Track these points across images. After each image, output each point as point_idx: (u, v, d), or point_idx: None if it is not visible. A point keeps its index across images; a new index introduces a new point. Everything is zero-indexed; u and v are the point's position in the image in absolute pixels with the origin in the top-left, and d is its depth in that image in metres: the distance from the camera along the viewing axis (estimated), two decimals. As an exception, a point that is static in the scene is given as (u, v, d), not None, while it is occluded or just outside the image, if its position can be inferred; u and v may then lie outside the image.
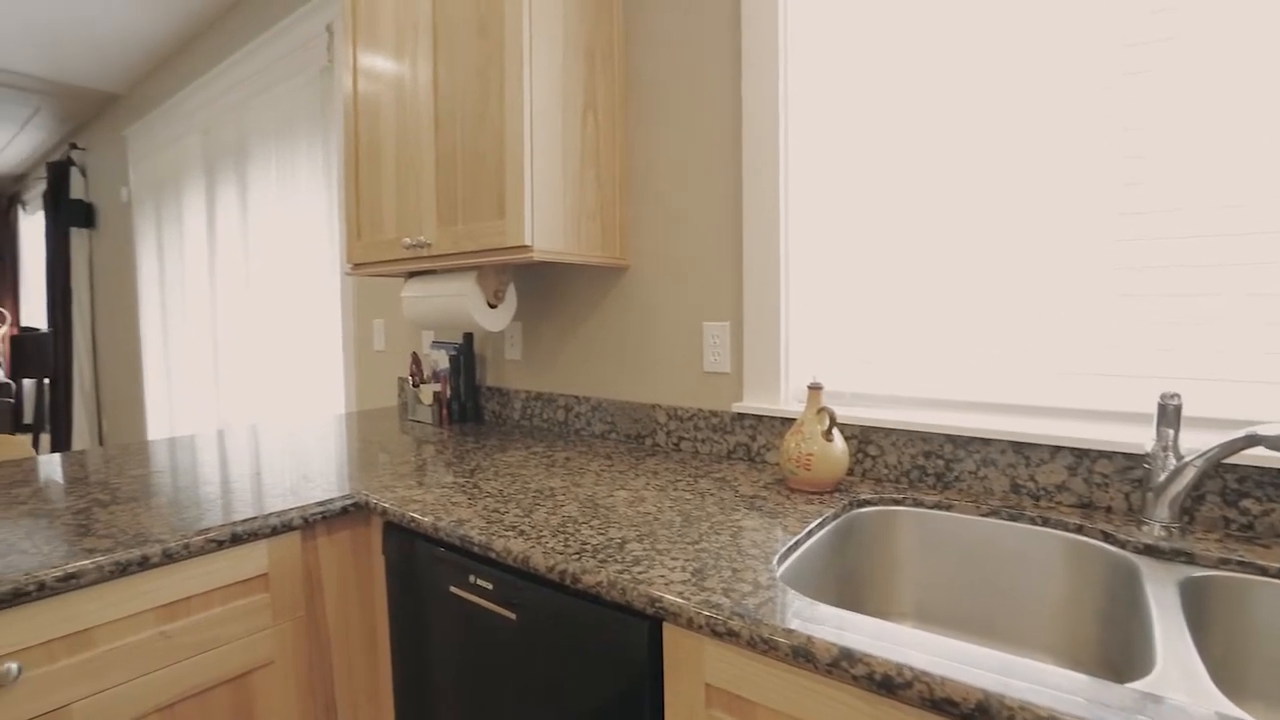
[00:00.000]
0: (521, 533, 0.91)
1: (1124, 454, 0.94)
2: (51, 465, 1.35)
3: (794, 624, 0.63)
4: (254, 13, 2.83)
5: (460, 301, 1.51)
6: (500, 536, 0.89)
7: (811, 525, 0.93)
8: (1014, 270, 1.06)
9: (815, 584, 0.92)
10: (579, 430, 1.65)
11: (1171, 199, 0.92)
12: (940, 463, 1.10)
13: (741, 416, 1.34)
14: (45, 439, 5.43)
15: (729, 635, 0.66)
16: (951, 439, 1.09)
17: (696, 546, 0.85)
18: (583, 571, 0.78)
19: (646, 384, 1.52)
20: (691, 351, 1.44)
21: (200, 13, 3.08)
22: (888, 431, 1.15)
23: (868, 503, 1.06)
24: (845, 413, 1.20)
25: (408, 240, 1.47)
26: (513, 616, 0.89)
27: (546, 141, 1.30)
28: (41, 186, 5.38)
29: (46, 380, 5.38)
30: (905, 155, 1.16)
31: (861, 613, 0.92)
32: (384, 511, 1.06)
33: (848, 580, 1.01)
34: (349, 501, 1.10)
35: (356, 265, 1.68)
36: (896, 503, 1.05)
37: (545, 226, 1.30)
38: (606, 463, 1.32)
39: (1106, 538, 0.88)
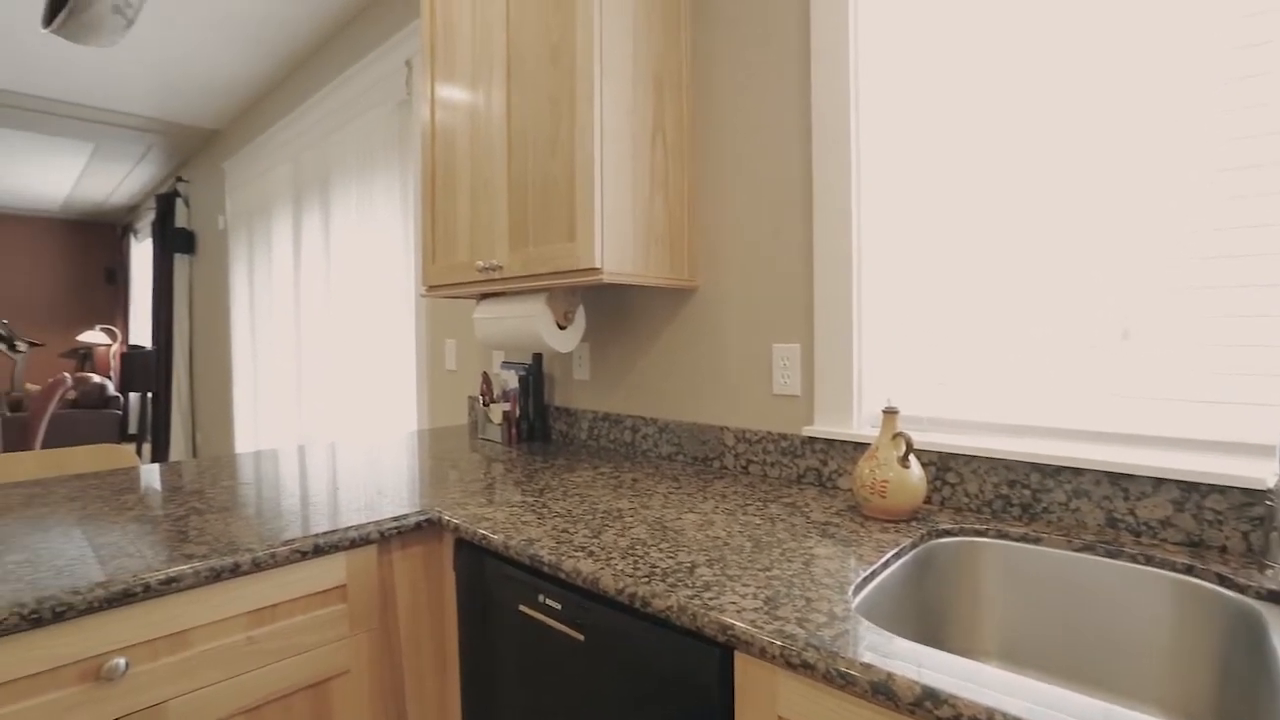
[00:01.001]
0: (591, 554, 0.91)
1: (1240, 489, 0.86)
2: (152, 475, 1.45)
3: (871, 658, 0.61)
4: (339, 51, 3.02)
5: (531, 323, 1.54)
6: (569, 557, 0.90)
7: (888, 555, 0.89)
8: (1105, 288, 1.00)
9: (892, 617, 0.88)
10: (646, 451, 1.65)
11: (1289, 212, 0.85)
12: (1026, 493, 1.04)
13: (812, 440, 1.31)
14: (146, 448, 5.86)
15: (803, 667, 0.63)
16: (1038, 468, 1.03)
17: (768, 573, 0.83)
18: (652, 595, 0.77)
19: (714, 406, 1.51)
20: (760, 373, 1.42)
21: (291, 54, 3.31)
22: (968, 459, 1.10)
23: (948, 533, 1.01)
24: (922, 438, 1.15)
25: (481, 263, 1.52)
26: (580, 637, 0.89)
27: (616, 165, 1.32)
28: (151, 216, 5.86)
29: (150, 394, 5.82)
30: (985, 170, 1.12)
31: (942, 650, 0.87)
32: (455, 528, 1.09)
33: (927, 615, 0.97)
34: (422, 517, 1.13)
35: (431, 287, 1.75)
36: (979, 534, 1.00)
37: (614, 249, 1.32)
38: (674, 485, 1.32)
39: (1222, 580, 0.80)
